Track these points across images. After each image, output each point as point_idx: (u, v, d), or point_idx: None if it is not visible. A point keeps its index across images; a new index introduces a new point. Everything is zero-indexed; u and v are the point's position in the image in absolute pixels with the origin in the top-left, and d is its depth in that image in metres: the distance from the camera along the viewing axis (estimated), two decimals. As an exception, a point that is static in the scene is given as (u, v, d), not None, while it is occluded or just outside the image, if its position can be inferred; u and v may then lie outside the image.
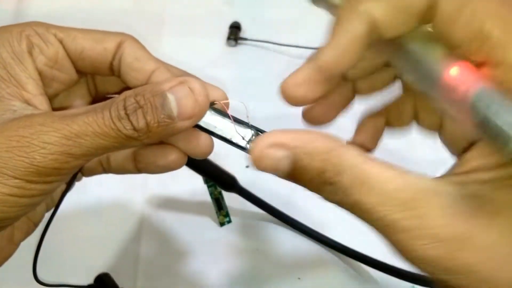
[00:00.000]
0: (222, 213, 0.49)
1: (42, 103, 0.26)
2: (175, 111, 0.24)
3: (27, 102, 0.26)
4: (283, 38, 0.66)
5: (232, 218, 0.50)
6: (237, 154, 0.42)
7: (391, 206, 0.21)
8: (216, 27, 0.68)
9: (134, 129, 0.24)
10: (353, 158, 0.22)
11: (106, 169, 0.31)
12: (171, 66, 0.29)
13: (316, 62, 0.24)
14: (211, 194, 0.48)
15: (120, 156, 0.30)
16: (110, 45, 0.28)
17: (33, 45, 0.27)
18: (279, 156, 0.23)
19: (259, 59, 0.65)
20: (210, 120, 0.27)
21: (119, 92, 0.32)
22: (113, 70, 0.29)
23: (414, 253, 0.21)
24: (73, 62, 0.28)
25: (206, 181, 0.46)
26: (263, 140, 0.24)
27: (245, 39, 0.67)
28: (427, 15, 0.21)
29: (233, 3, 0.72)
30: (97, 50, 0.28)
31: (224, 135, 0.28)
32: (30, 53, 0.27)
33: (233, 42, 0.66)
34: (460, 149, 0.26)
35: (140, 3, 0.70)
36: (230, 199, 0.51)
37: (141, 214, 0.51)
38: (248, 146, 0.28)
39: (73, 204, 0.48)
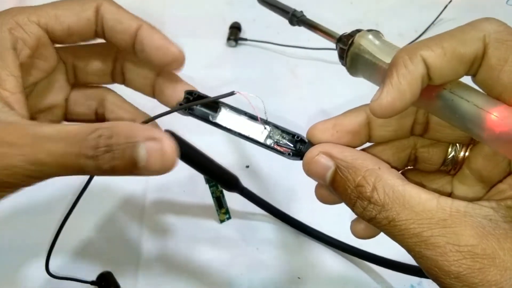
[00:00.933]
0: (222, 211, 0.50)
1: (18, 102, 0.26)
2: (143, 163, 0.23)
3: (4, 100, 0.26)
4: (283, 38, 0.66)
5: (233, 218, 0.51)
6: (237, 154, 0.43)
7: (427, 224, 0.22)
8: (216, 28, 0.68)
9: (96, 167, 0.23)
10: (393, 179, 0.24)
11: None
12: (152, 25, 0.30)
13: (374, 104, 0.23)
14: (212, 193, 0.48)
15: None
16: (90, 14, 0.29)
17: (17, 39, 0.27)
18: (326, 164, 0.26)
19: (259, 59, 0.66)
20: (226, 117, 0.28)
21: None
22: (98, 34, 0.30)
23: (446, 267, 0.22)
24: (62, 41, 0.29)
25: (208, 181, 0.46)
26: (315, 148, 0.27)
27: (245, 39, 0.67)
28: (474, 65, 0.23)
29: (233, 3, 0.72)
30: (81, 23, 0.29)
31: (241, 131, 0.28)
32: (15, 48, 0.26)
33: (233, 43, 0.67)
34: (488, 182, 0.27)
35: (140, 3, 0.70)
36: (231, 200, 0.51)
37: (142, 214, 0.51)
38: (267, 141, 0.28)
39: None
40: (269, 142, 0.28)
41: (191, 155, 0.39)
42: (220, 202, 0.49)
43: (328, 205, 0.29)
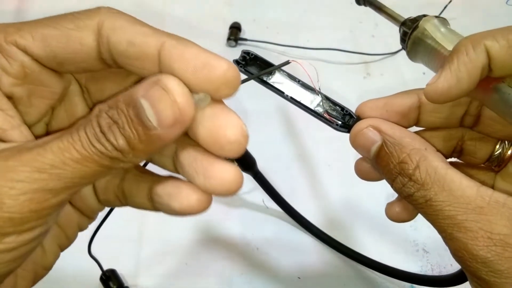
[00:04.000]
0: None
1: (20, 136, 0.21)
2: (153, 120, 0.19)
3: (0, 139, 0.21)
4: (283, 39, 0.66)
5: (233, 217, 0.51)
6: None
7: (464, 208, 0.23)
8: (216, 28, 0.68)
9: (116, 148, 0.19)
10: (437, 161, 0.24)
11: (123, 203, 0.26)
12: (181, 38, 0.21)
13: (430, 87, 0.23)
14: None
15: (136, 195, 0.25)
16: (86, 38, 0.21)
17: None
18: (373, 137, 0.26)
19: (259, 59, 0.66)
20: (279, 81, 0.29)
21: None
22: (107, 63, 0.21)
23: (475, 251, 0.22)
24: (52, 68, 0.22)
25: None
26: (365, 121, 0.27)
27: (245, 39, 0.67)
28: None
29: (233, 3, 0.72)
30: (72, 50, 0.21)
31: (294, 96, 0.28)
32: None
33: (233, 43, 0.67)
34: None
35: (140, 4, 0.70)
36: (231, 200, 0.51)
37: (142, 214, 0.51)
38: (317, 109, 0.28)
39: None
40: (319, 110, 0.29)
41: None
42: None
43: (366, 181, 0.29)
